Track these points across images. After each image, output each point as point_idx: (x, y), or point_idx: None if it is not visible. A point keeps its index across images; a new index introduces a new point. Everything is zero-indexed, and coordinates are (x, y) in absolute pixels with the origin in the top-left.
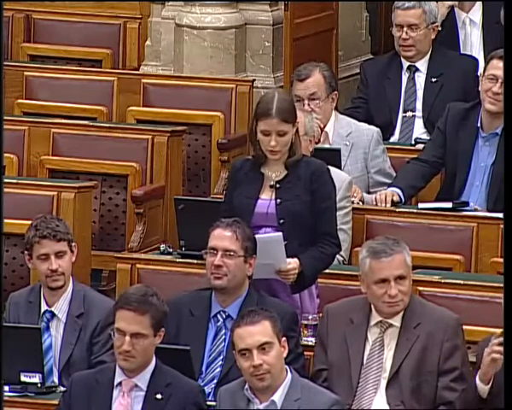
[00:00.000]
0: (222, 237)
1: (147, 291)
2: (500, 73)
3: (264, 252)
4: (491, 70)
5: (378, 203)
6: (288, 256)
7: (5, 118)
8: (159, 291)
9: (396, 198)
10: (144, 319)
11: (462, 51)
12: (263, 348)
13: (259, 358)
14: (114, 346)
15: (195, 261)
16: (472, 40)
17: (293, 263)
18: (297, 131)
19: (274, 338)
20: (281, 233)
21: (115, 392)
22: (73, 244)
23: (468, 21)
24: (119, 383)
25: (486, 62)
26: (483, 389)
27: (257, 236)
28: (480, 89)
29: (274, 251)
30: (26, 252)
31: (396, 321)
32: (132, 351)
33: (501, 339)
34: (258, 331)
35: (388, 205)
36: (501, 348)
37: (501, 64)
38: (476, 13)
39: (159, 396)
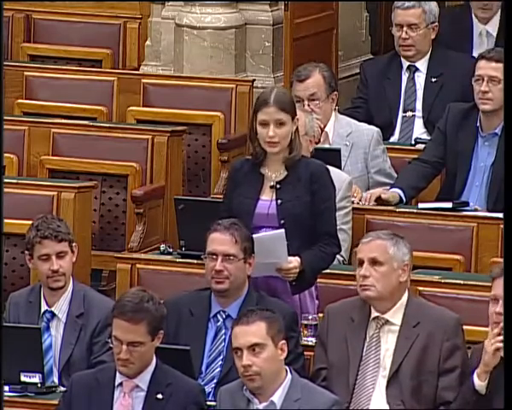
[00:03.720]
0: (221, 241)
1: (143, 297)
2: (483, 72)
3: (266, 250)
4: (477, 71)
5: (364, 202)
6: (288, 256)
7: (5, 118)
8: (158, 292)
9: (384, 196)
10: (140, 328)
11: None
12: (253, 349)
13: (248, 358)
14: (113, 352)
15: (195, 261)
16: None
17: (294, 262)
18: (297, 130)
19: (267, 340)
20: (283, 230)
21: (116, 393)
22: (74, 244)
23: (485, 33)
24: (120, 384)
25: (475, 63)
26: (481, 386)
27: (260, 234)
28: None
29: (276, 248)
30: (26, 252)
31: (394, 319)
32: (130, 358)
33: (500, 326)
34: (251, 332)
35: (371, 204)
36: (501, 337)
37: (483, 63)
38: (494, 25)
39: (159, 396)
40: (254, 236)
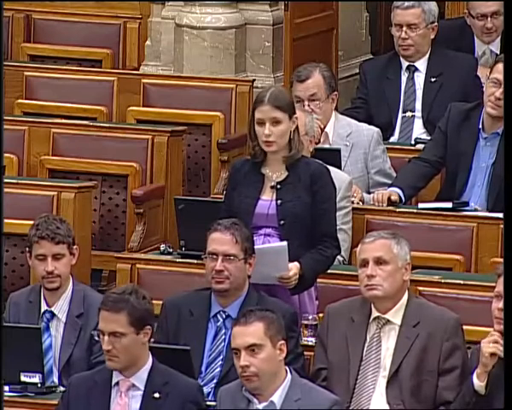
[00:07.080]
0: (221, 241)
1: (125, 289)
2: (502, 78)
3: (267, 261)
4: (496, 74)
5: (375, 203)
6: (288, 258)
7: (5, 118)
8: (158, 292)
9: (394, 197)
10: (119, 317)
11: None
12: (252, 349)
13: (246, 359)
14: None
15: (195, 261)
16: None
17: (294, 269)
18: (297, 129)
19: (265, 341)
20: (285, 243)
21: (113, 392)
22: (75, 247)
23: (489, 52)
24: (117, 383)
25: (493, 65)
26: (480, 386)
27: (261, 246)
28: (482, 90)
29: (278, 260)
30: (27, 249)
31: (395, 319)
32: (113, 350)
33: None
34: (249, 333)
35: (385, 204)
36: (500, 341)
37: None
38: (497, 44)
39: (156, 395)
40: (256, 247)
